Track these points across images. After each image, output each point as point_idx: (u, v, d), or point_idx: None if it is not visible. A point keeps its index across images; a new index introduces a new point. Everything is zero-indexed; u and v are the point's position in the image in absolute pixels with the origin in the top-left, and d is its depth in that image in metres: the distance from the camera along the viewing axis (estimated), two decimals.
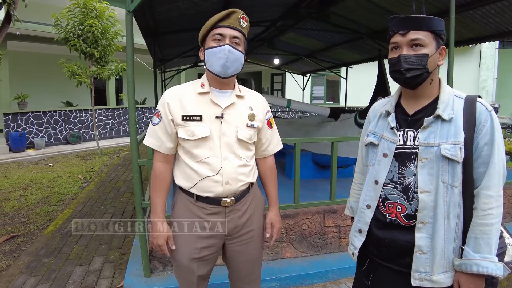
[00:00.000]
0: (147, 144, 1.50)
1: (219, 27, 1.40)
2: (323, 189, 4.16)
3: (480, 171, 1.12)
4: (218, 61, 1.39)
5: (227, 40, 1.39)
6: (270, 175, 1.68)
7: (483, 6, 3.57)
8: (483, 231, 1.08)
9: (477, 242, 1.09)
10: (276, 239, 1.66)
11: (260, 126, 1.55)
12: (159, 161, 1.49)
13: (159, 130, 1.45)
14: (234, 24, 1.40)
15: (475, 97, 1.18)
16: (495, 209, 1.09)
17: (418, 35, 1.14)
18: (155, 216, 1.49)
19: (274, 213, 1.66)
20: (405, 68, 1.15)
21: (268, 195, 1.68)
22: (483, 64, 12.06)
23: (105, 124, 11.47)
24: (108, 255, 3.16)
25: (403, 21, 1.16)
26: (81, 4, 7.59)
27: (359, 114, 4.56)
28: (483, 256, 1.07)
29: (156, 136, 1.46)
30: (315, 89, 14.95)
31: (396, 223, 1.21)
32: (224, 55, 1.38)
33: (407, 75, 1.15)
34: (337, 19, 4.91)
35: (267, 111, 1.61)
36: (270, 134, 1.63)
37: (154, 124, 1.47)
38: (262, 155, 1.64)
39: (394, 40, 1.19)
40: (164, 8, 4.07)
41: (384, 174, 1.25)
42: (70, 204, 4.69)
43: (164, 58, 7.36)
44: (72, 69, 7.83)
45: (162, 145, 1.46)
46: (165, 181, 1.50)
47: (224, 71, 1.40)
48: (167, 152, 1.47)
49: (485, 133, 1.11)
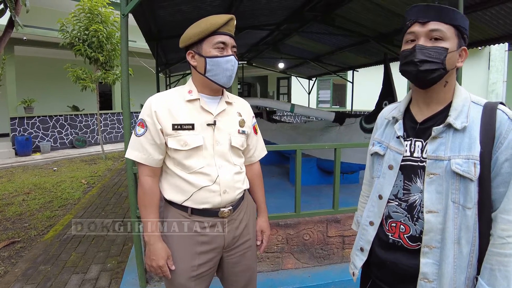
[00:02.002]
0: (131, 158, 1.36)
1: (220, 34, 1.32)
2: (328, 195, 4.04)
3: (500, 191, 0.96)
4: (225, 73, 1.34)
5: (229, 50, 1.34)
6: (258, 181, 1.62)
7: (492, 7, 3.46)
8: (500, 262, 0.93)
9: (492, 274, 0.93)
10: (266, 247, 1.63)
11: (249, 132, 1.51)
12: (146, 175, 1.36)
13: (145, 141, 1.33)
14: (232, 32, 1.36)
15: (496, 103, 1.01)
16: None
17: (440, 27, 0.99)
18: (150, 235, 1.34)
19: (264, 219, 1.61)
20: (419, 59, 0.99)
21: (257, 202, 1.62)
22: (493, 66, 11.81)
23: (110, 128, 11.50)
24: (105, 263, 3.09)
25: (425, 9, 1.01)
26: (86, 9, 7.63)
27: (364, 119, 4.44)
28: None
29: (141, 148, 1.33)
30: (321, 93, 14.79)
31: (399, 245, 1.07)
32: (231, 67, 1.35)
33: (421, 67, 0.99)
34: (342, 22, 4.83)
35: (252, 117, 1.57)
36: (256, 140, 1.59)
37: (138, 135, 1.34)
38: (248, 161, 1.58)
39: (412, 29, 1.03)
40: (166, 12, 4.03)
41: (389, 188, 1.11)
42: (72, 209, 4.65)
43: (168, 62, 7.35)
44: (77, 73, 7.85)
45: (150, 158, 1.34)
46: (156, 196, 1.39)
47: (229, 82, 1.38)
48: (154, 164, 1.36)
49: (506, 147, 0.95)
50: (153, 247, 1.34)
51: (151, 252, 1.34)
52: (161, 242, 1.35)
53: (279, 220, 2.66)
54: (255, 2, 4.12)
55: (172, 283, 1.38)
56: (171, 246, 1.37)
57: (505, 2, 3.29)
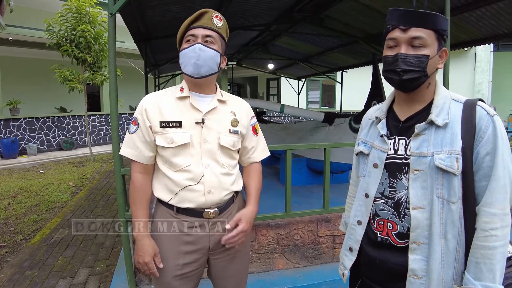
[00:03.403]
0: (123, 154, 1.41)
1: (192, 29, 1.35)
2: (318, 195, 4.05)
3: (482, 185, 0.98)
4: (190, 61, 1.33)
5: (199, 40, 1.33)
6: (254, 175, 1.54)
7: (478, 9, 3.51)
8: (484, 255, 0.94)
9: (478, 267, 0.94)
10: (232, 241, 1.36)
11: (244, 132, 1.47)
12: (137, 172, 1.40)
13: (137, 138, 1.37)
14: (207, 24, 1.35)
15: (475, 100, 1.03)
16: (500, 229, 0.93)
17: (421, 33, 1.00)
18: (138, 232, 1.37)
19: (250, 210, 1.43)
20: (402, 69, 1.01)
21: (247, 193, 1.51)
22: (478, 67, 12.05)
23: (99, 130, 11.34)
24: (94, 266, 3.04)
25: (406, 15, 1.01)
26: (73, 9, 7.51)
27: (353, 119, 4.48)
28: (485, 284, 0.93)
29: (133, 145, 1.37)
30: (311, 93, 14.87)
31: (388, 243, 1.08)
32: (195, 54, 1.31)
33: (404, 77, 1.02)
34: (331, 22, 4.85)
35: (251, 117, 1.53)
36: (255, 140, 1.54)
37: (131, 133, 1.38)
38: (247, 162, 1.55)
39: (393, 35, 1.04)
40: (155, 12, 3.99)
41: (375, 187, 1.12)
42: (59, 212, 4.57)
43: (157, 63, 7.28)
44: (64, 74, 7.73)
45: (140, 155, 1.37)
46: (146, 193, 1.40)
47: (196, 71, 1.33)
48: (145, 161, 1.38)
49: (486, 141, 0.97)
50: (141, 243, 1.35)
51: (138, 248, 1.36)
52: (148, 239, 1.36)
53: (270, 221, 2.65)
54: (245, 2, 4.11)
55: (157, 280, 1.40)
56: (158, 244, 1.38)
57: (490, 3, 3.34)
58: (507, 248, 0.96)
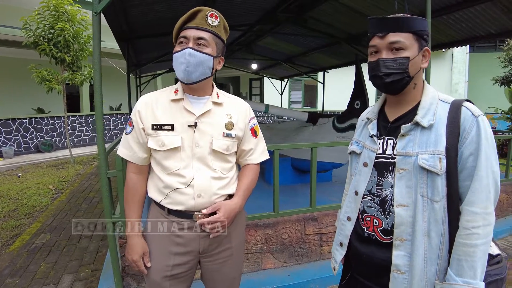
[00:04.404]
0: (120, 155, 1.43)
1: (185, 30, 1.31)
2: (303, 194, 4.12)
3: (466, 184, 1.01)
4: (180, 67, 1.29)
5: (190, 43, 1.29)
6: (248, 173, 1.49)
7: (456, 12, 3.64)
8: (466, 252, 0.97)
9: (459, 264, 0.98)
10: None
11: (241, 135, 1.43)
12: (132, 172, 1.42)
13: (131, 139, 1.38)
14: (200, 24, 1.30)
15: (462, 101, 1.06)
16: (482, 228, 0.97)
17: (398, 37, 1.04)
18: (129, 230, 1.40)
19: (233, 202, 1.38)
20: (384, 72, 1.06)
21: (237, 187, 1.45)
22: (455, 68, 12.47)
23: (78, 131, 11.05)
24: (78, 272, 2.97)
25: (381, 22, 1.07)
26: (51, 7, 7.28)
27: (337, 119, 4.55)
28: (466, 281, 0.96)
29: (128, 146, 1.39)
30: (293, 93, 15.01)
31: (374, 238, 1.13)
32: (185, 60, 1.27)
33: (386, 80, 1.06)
34: (315, 23, 4.91)
35: (250, 118, 1.48)
36: (254, 143, 1.49)
37: (126, 133, 1.41)
38: (244, 163, 1.52)
39: (373, 43, 1.10)
40: (138, 11, 3.93)
41: (364, 184, 1.17)
42: (39, 217, 4.43)
43: (139, 63, 7.17)
44: (42, 74, 7.48)
45: (135, 155, 1.39)
46: (138, 193, 1.41)
47: (186, 77, 1.29)
48: (139, 162, 1.40)
49: (470, 142, 1.00)
50: (131, 242, 1.39)
51: (128, 246, 1.39)
52: (138, 238, 1.39)
53: (258, 221, 2.66)
54: (229, 2, 4.11)
55: (148, 280, 1.41)
56: (149, 244, 1.40)
57: (468, 7, 3.48)
58: (489, 246, 1.00)
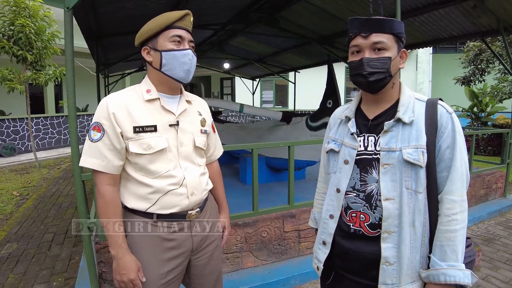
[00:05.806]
0: (88, 166, 1.25)
1: (176, 28, 1.29)
2: (277, 192, 4.18)
3: (443, 175, 1.09)
4: (182, 66, 1.29)
5: (186, 44, 1.31)
6: (218, 179, 1.63)
7: (422, 14, 3.83)
8: (448, 237, 1.05)
9: (442, 249, 1.05)
10: (224, 245, 1.65)
11: (209, 131, 1.51)
12: (106, 184, 1.26)
13: (103, 146, 1.23)
14: (188, 27, 1.33)
15: (436, 99, 1.15)
16: (459, 214, 1.06)
17: (381, 38, 1.09)
18: (118, 248, 1.25)
19: (226, 216, 1.63)
20: (368, 71, 1.10)
21: (218, 200, 1.62)
22: (420, 68, 13.06)
23: (43, 134, 10.52)
24: (50, 281, 2.84)
25: (365, 23, 1.11)
26: (11, 2, 6.88)
27: (310, 118, 4.65)
28: (450, 264, 1.03)
29: (99, 154, 1.23)
30: (265, 93, 15.17)
31: (360, 233, 1.16)
32: (189, 61, 1.31)
33: (370, 78, 1.11)
34: (286, 24, 4.97)
35: (210, 115, 1.57)
36: (215, 138, 1.60)
37: (94, 140, 1.24)
38: (209, 160, 1.58)
39: (356, 42, 1.13)
40: (108, 8, 3.81)
41: (346, 181, 1.20)
42: (4, 225, 4.19)
43: (108, 62, 6.95)
44: (2, 74, 7.06)
45: (109, 164, 1.24)
46: (119, 206, 1.30)
47: (187, 77, 1.33)
48: (115, 172, 1.27)
49: (447, 136, 1.09)
50: (122, 260, 1.25)
51: (120, 266, 1.25)
52: (129, 255, 1.27)
53: (238, 220, 2.67)
54: (201, 0, 4.07)
55: None
56: (138, 256, 1.30)
57: (432, 10, 3.67)
58: (465, 231, 1.08)
